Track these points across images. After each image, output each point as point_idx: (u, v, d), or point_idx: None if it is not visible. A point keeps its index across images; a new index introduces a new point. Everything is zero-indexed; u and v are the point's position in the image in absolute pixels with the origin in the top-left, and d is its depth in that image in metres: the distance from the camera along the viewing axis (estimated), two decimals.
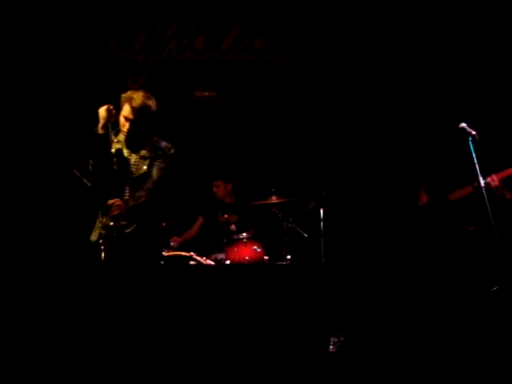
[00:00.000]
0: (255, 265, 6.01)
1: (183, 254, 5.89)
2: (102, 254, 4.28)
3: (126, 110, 4.29)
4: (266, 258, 6.16)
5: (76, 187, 4.53)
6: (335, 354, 4.97)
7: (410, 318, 5.53)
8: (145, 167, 4.36)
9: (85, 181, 4.31)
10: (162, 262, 5.16)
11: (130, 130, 4.31)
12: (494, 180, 5.10)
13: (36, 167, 6.54)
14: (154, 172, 4.37)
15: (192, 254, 5.88)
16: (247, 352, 4.29)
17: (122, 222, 4.28)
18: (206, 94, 7.09)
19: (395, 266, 6.43)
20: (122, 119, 4.32)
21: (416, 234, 5.72)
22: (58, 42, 6.77)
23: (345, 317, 5.85)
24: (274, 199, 6.30)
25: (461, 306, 5.20)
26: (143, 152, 4.38)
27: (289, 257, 6.13)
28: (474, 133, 4.54)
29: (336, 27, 6.98)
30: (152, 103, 4.34)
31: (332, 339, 5.10)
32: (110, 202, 4.23)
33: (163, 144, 4.43)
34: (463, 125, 4.59)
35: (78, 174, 4.28)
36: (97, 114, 4.26)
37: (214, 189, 6.83)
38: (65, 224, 6.43)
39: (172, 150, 4.44)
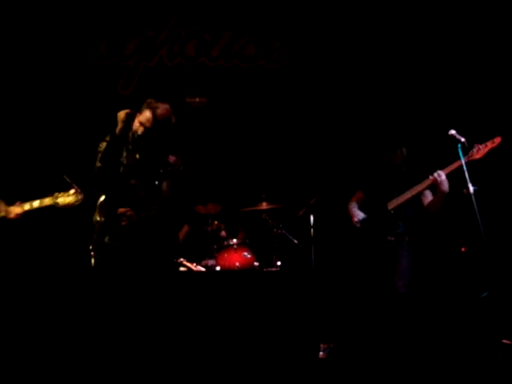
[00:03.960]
0: (245, 271, 6.01)
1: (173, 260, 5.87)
2: (92, 260, 4.26)
3: (145, 117, 4.19)
4: (256, 264, 6.15)
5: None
6: (325, 360, 4.96)
7: (400, 324, 5.53)
8: (155, 181, 4.26)
9: (75, 186, 4.28)
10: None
11: (142, 138, 4.22)
12: (440, 175, 4.93)
13: (25, 172, 6.50)
14: (165, 187, 4.30)
15: (182, 260, 5.86)
16: (237, 358, 4.29)
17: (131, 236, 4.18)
18: (197, 100, 7.09)
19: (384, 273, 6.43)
20: (136, 123, 4.21)
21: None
22: (48, 47, 6.76)
23: (335, 323, 5.84)
24: (264, 205, 6.30)
25: (448, 312, 5.23)
26: (153, 165, 4.29)
27: (279, 263, 6.12)
28: (463, 140, 4.57)
29: (326, 34, 7.01)
30: (174, 120, 4.24)
31: (322, 346, 5.10)
32: (121, 210, 4.15)
33: (172, 159, 4.36)
34: (452, 132, 4.61)
35: (68, 180, 4.24)
36: (115, 116, 4.13)
37: (196, 209, 6.81)
38: (55, 229, 6.40)
39: (181, 166, 4.39)
